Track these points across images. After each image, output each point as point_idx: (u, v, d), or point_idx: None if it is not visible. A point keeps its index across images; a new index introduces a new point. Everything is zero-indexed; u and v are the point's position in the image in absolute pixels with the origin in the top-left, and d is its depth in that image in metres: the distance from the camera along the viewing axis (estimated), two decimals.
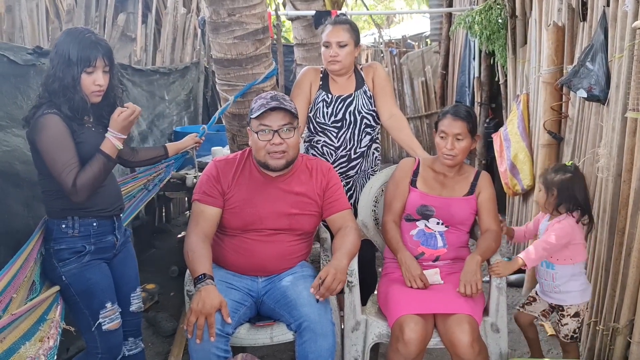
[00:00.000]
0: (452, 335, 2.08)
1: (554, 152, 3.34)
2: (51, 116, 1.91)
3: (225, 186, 2.24)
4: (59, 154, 1.91)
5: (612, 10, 2.50)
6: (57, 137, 1.91)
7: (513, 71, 4.39)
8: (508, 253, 4.30)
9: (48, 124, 1.91)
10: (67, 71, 1.93)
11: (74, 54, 1.93)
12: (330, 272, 2.04)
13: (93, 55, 1.95)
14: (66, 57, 1.93)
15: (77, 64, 1.93)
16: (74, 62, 1.93)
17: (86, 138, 2.00)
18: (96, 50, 1.96)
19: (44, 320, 1.88)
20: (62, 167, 1.91)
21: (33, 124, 1.93)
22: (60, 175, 1.91)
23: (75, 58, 1.93)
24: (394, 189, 2.47)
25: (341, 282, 2.06)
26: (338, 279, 2.04)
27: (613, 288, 2.43)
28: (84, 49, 1.94)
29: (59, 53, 1.94)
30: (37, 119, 1.92)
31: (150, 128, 4.45)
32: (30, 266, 1.95)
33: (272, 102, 2.15)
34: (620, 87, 2.37)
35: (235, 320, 2.07)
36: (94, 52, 1.95)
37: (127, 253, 2.26)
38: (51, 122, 1.91)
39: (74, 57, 1.93)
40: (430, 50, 8.28)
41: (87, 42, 1.95)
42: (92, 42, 1.96)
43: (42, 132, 1.91)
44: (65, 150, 1.92)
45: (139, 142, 4.18)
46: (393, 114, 2.76)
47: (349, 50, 2.67)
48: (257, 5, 2.73)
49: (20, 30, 2.99)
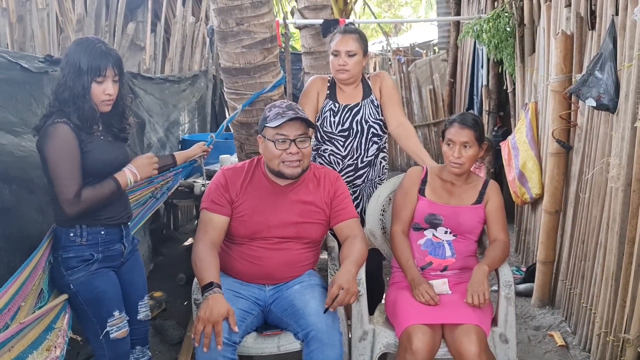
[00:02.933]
0: (459, 346, 2.06)
1: (562, 161, 3.33)
2: (60, 125, 1.93)
3: (233, 194, 2.25)
4: (63, 163, 1.92)
5: (621, 19, 2.49)
6: (63, 146, 1.92)
7: (521, 79, 4.38)
8: (516, 262, 4.27)
9: (56, 133, 1.92)
10: (77, 80, 1.95)
11: (84, 64, 1.94)
12: (344, 287, 2.03)
13: (103, 64, 1.97)
14: (77, 67, 1.95)
15: (88, 73, 1.95)
16: (85, 71, 1.95)
17: (94, 147, 2.01)
18: (106, 59, 1.97)
19: (52, 329, 1.89)
20: (63, 176, 1.92)
21: (42, 132, 1.95)
22: (61, 185, 1.92)
23: (85, 67, 1.94)
24: (402, 198, 2.46)
25: (354, 295, 2.05)
26: (351, 293, 2.04)
27: (623, 299, 2.40)
28: (94, 58, 1.95)
29: (70, 62, 1.96)
30: (47, 128, 1.94)
31: (167, 135, 4.49)
32: (38, 274, 1.95)
33: (290, 112, 2.16)
34: (630, 96, 2.36)
35: (242, 329, 2.07)
36: (105, 61, 1.97)
37: (135, 261, 2.26)
38: (59, 132, 1.92)
39: (85, 66, 1.94)
40: (438, 58, 8.28)
41: (97, 51, 1.97)
42: (103, 51, 1.98)
43: (50, 140, 1.92)
44: (69, 161, 1.93)
45: (158, 149, 4.23)
46: (401, 123, 2.76)
47: (358, 59, 2.67)
48: (266, 14, 2.75)
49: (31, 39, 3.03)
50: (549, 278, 3.43)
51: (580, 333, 2.94)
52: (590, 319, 2.80)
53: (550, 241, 3.40)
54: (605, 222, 2.66)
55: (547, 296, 3.43)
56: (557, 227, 3.40)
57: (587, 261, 2.92)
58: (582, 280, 2.97)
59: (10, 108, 2.33)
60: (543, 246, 3.43)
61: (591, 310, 2.80)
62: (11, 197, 2.29)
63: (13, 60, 2.36)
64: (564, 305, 3.24)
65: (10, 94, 2.34)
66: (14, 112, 2.35)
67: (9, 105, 2.33)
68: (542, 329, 3.17)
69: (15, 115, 2.35)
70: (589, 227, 2.91)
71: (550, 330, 3.14)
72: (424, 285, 2.25)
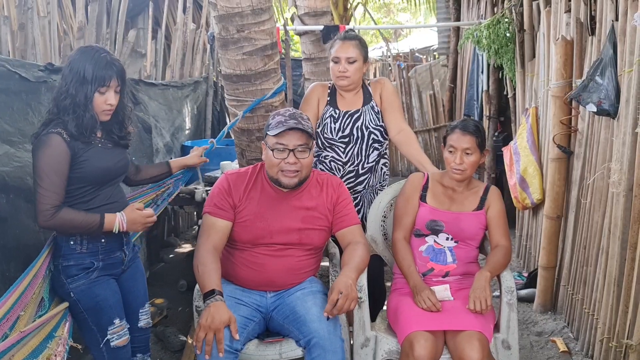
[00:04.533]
0: (462, 352, 2.05)
1: (563, 166, 3.33)
2: (53, 136, 1.93)
3: (236, 199, 2.25)
4: (49, 174, 1.91)
5: (621, 25, 2.50)
6: (53, 157, 1.92)
7: (522, 85, 4.39)
8: (518, 267, 4.26)
9: (48, 143, 1.92)
10: (80, 89, 1.95)
11: (89, 73, 1.95)
12: (344, 294, 2.02)
13: (108, 75, 1.97)
14: (81, 75, 1.95)
15: (92, 82, 1.95)
16: (89, 80, 1.95)
17: (91, 155, 2.01)
18: (111, 70, 1.98)
19: (52, 337, 1.88)
20: (46, 187, 1.91)
21: (37, 140, 1.95)
22: (41, 195, 1.91)
23: (90, 77, 1.95)
24: (404, 204, 2.46)
25: (353, 301, 2.04)
26: (350, 299, 2.03)
27: (625, 304, 2.40)
28: (99, 68, 1.96)
29: (74, 70, 1.96)
30: (41, 137, 1.94)
31: (172, 140, 4.50)
32: (38, 283, 1.95)
33: (291, 122, 2.15)
34: (631, 102, 2.36)
35: (244, 336, 2.07)
36: (109, 72, 1.98)
37: (136, 269, 2.26)
38: (51, 142, 1.92)
39: (89, 75, 1.95)
40: (439, 63, 8.30)
41: (102, 62, 1.97)
42: (108, 62, 1.98)
43: (41, 149, 1.92)
44: (55, 173, 1.92)
45: (165, 154, 4.24)
46: (402, 129, 2.76)
47: (358, 66, 2.68)
48: (266, 21, 2.75)
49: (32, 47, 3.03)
50: (551, 283, 3.42)
51: (582, 339, 2.93)
52: (593, 325, 2.79)
53: (552, 246, 3.40)
54: (606, 227, 2.65)
55: (549, 302, 3.42)
56: (559, 232, 3.40)
57: (588, 266, 2.91)
58: (584, 285, 2.96)
59: (6, 118, 2.33)
60: (544, 251, 3.43)
61: (593, 315, 2.79)
62: (8, 207, 2.29)
63: (12, 69, 2.36)
64: (566, 311, 3.23)
65: (6, 103, 2.35)
66: (10, 121, 2.35)
67: (5, 115, 2.33)
68: (544, 335, 3.16)
69: (12, 124, 2.36)
70: (591, 232, 2.91)
71: (552, 336, 3.13)
72: (425, 292, 2.25)
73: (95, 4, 3.45)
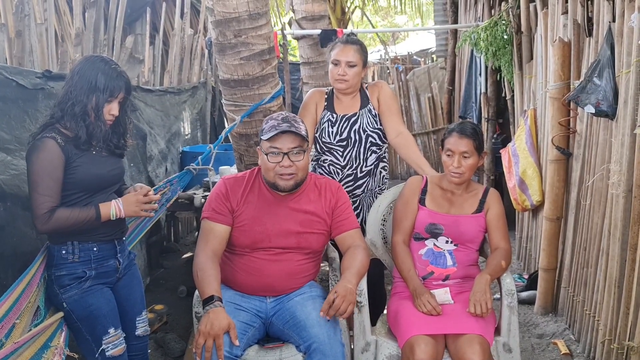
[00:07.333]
0: (463, 356, 2.04)
1: (562, 168, 3.32)
2: (47, 140, 1.93)
3: (234, 204, 2.24)
4: (43, 178, 1.91)
5: (618, 26, 2.50)
6: (46, 162, 1.92)
7: (520, 87, 4.39)
8: (518, 270, 4.26)
9: (43, 147, 1.92)
10: (90, 97, 1.96)
11: (101, 83, 1.96)
12: (340, 294, 2.03)
13: (118, 86, 2.00)
14: (92, 84, 1.96)
15: (103, 92, 1.97)
16: (100, 90, 1.97)
17: (84, 161, 2.01)
18: (121, 82, 2.01)
19: (48, 347, 1.87)
20: (40, 191, 1.91)
21: (31, 145, 1.95)
22: (36, 199, 1.91)
23: (102, 87, 1.97)
24: (403, 208, 2.46)
25: (351, 304, 2.04)
26: (348, 301, 2.02)
27: (626, 306, 2.39)
28: (111, 79, 1.98)
29: (85, 78, 1.97)
30: (35, 141, 1.94)
31: (168, 147, 4.49)
32: (32, 291, 1.93)
33: (283, 125, 2.15)
34: (629, 103, 2.36)
35: (243, 342, 2.06)
36: (120, 83, 2.01)
37: (132, 276, 2.24)
38: (47, 146, 1.92)
39: (101, 85, 1.97)
40: (437, 66, 8.31)
41: (114, 73, 2.00)
42: (118, 73, 2.02)
43: (35, 153, 1.92)
44: (49, 176, 1.92)
45: (160, 161, 4.23)
46: (400, 132, 2.76)
47: (357, 71, 2.68)
48: (263, 26, 2.76)
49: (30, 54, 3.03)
50: (552, 285, 3.42)
51: (584, 341, 2.92)
52: (594, 327, 2.78)
53: (552, 248, 3.39)
54: (606, 228, 2.65)
55: (549, 304, 3.42)
56: (559, 234, 3.39)
57: (589, 268, 2.91)
58: (585, 287, 2.96)
59: (3, 125, 2.33)
60: (545, 253, 3.42)
61: (594, 317, 2.78)
62: (5, 215, 2.29)
63: (9, 76, 2.36)
64: (567, 313, 3.23)
65: (3, 111, 2.35)
66: (7, 129, 2.35)
67: (2, 122, 2.33)
68: (545, 337, 3.15)
69: (9, 132, 2.36)
70: (591, 233, 2.90)
71: (553, 338, 3.12)
72: (425, 295, 2.24)
73: (93, 10, 3.45)
